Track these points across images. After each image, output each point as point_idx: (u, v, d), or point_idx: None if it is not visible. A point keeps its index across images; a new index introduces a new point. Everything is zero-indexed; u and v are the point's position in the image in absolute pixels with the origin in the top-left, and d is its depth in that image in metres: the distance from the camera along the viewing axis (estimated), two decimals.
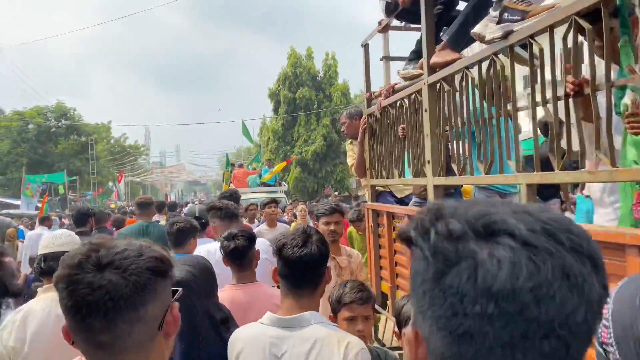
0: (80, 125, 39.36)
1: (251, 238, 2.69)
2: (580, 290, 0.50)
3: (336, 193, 24.90)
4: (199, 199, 36.81)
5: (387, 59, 16.95)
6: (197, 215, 4.59)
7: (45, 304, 2.27)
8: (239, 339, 1.81)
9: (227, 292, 2.54)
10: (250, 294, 2.53)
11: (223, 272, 2.59)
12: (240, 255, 2.61)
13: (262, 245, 3.33)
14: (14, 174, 33.12)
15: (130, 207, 23.34)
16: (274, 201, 6.46)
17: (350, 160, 4.54)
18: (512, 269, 0.49)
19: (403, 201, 4.08)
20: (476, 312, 0.50)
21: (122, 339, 0.96)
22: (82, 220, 5.78)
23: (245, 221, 6.84)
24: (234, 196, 5.30)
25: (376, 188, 4.08)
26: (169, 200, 37.32)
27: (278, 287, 2.00)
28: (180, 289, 1.09)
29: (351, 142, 4.61)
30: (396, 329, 1.87)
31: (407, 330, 0.70)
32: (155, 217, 6.71)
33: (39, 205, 28.74)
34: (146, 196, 6.86)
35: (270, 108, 29.34)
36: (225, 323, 2.02)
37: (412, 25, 3.80)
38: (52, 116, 37.87)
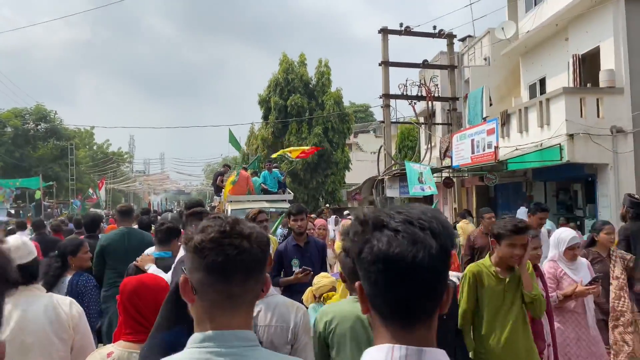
0: (60, 129, 37.82)
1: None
2: (425, 249, 0.99)
3: (327, 205, 23.77)
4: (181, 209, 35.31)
5: (386, 64, 15.68)
6: (169, 221, 4.80)
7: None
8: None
9: None
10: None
11: None
12: None
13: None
14: None
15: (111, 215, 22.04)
16: (262, 212, 5.96)
17: None
18: (388, 245, 0.99)
19: None
20: (375, 269, 1.01)
21: (246, 292, 1.26)
22: (92, 225, 6.46)
23: None
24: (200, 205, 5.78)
25: None
26: (152, 207, 36.05)
27: None
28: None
29: None
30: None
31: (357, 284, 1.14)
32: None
33: (12, 211, 27.28)
34: (127, 204, 7.59)
35: (260, 115, 28.20)
36: None
37: None
38: (30, 119, 36.31)
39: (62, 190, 36.82)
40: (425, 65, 17.43)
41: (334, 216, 14.74)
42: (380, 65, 16.74)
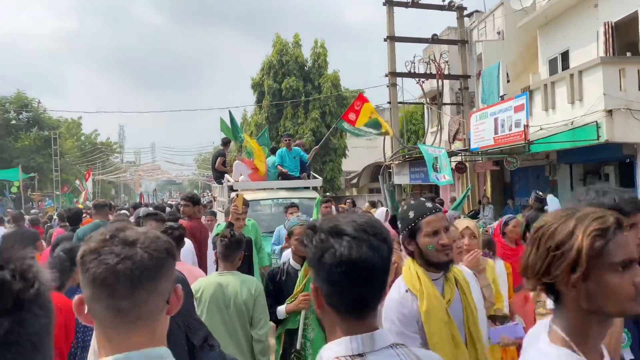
0: (43, 119, 35.96)
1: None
2: (378, 253, 1.18)
3: (327, 194, 22.43)
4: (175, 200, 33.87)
5: (391, 39, 13.91)
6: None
7: None
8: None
9: None
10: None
11: None
12: None
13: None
14: None
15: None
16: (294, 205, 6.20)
17: None
18: (349, 249, 1.16)
19: None
20: (338, 271, 1.16)
21: (139, 306, 1.08)
22: (75, 219, 6.90)
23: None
24: (194, 199, 6.30)
25: None
26: (143, 200, 34.52)
27: None
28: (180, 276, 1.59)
29: None
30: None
31: (312, 286, 1.25)
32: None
33: None
34: (102, 199, 7.99)
35: (253, 100, 26.66)
36: (206, 341, 2.08)
37: None
38: (11, 107, 34.37)
39: (47, 182, 35.15)
40: (434, 40, 16.01)
41: (382, 209, 8.77)
42: (385, 40, 15.31)
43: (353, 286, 1.17)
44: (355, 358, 1.16)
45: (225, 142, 10.91)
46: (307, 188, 9.07)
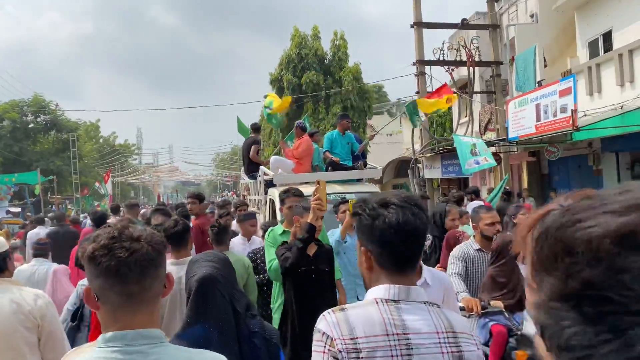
0: (61, 121, 35.81)
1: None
2: (421, 219, 1.49)
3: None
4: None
5: (419, 25, 12.84)
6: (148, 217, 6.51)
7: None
8: None
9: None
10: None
11: None
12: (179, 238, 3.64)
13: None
14: None
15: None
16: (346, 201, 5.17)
17: None
18: (397, 216, 1.45)
19: None
20: (389, 232, 1.44)
21: (146, 290, 1.31)
22: (100, 221, 6.90)
23: None
24: (200, 196, 6.82)
25: None
26: (161, 200, 34.24)
27: None
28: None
29: None
30: None
31: (363, 249, 1.53)
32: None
33: (11, 209, 25.53)
34: (134, 200, 8.03)
35: None
36: (249, 310, 2.26)
37: None
38: (28, 110, 34.26)
39: (66, 184, 35.01)
40: (464, 25, 15.18)
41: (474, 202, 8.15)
42: (412, 27, 14.56)
43: (400, 245, 1.44)
44: (390, 302, 1.42)
45: (256, 128, 9.31)
46: (360, 180, 7.49)
